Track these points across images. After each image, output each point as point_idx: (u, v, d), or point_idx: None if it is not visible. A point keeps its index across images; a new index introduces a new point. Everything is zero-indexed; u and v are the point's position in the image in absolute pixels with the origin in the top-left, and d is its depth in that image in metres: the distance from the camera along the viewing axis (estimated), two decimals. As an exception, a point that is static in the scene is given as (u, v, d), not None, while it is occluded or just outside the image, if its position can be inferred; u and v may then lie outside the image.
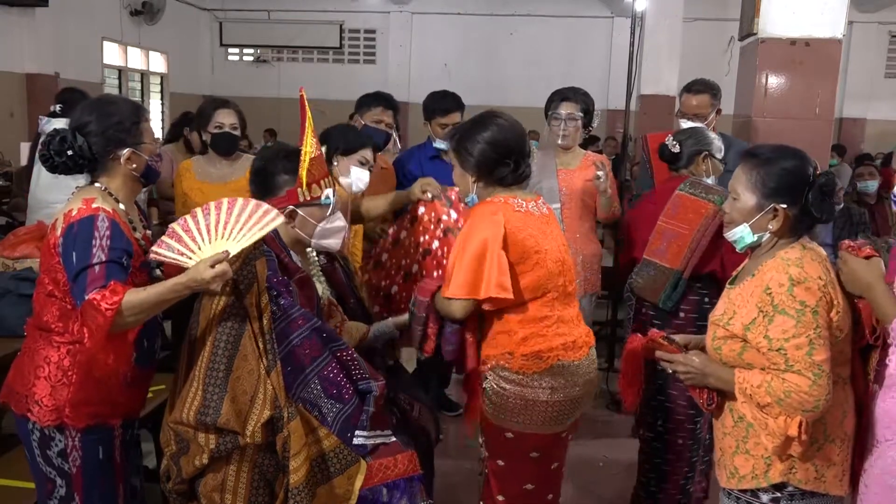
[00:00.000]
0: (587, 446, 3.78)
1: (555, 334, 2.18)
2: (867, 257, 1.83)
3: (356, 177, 2.77)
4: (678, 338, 2.06)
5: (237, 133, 3.31)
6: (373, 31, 13.32)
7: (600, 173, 3.45)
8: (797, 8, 3.87)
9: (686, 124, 3.48)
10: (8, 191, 6.33)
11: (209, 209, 1.87)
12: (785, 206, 1.82)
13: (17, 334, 2.48)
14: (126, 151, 1.95)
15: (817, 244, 1.90)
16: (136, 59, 11.47)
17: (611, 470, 3.54)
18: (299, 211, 2.12)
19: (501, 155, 2.17)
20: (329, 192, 2.16)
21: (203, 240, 1.83)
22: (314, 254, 2.38)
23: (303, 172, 2.10)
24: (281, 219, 1.92)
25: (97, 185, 1.96)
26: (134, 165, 1.98)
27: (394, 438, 2.06)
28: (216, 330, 1.91)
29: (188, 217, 1.87)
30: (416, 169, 3.48)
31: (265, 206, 1.91)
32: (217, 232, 1.84)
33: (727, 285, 1.97)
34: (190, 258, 1.81)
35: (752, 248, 1.92)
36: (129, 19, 10.95)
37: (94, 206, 1.86)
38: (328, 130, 2.81)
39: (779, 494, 1.82)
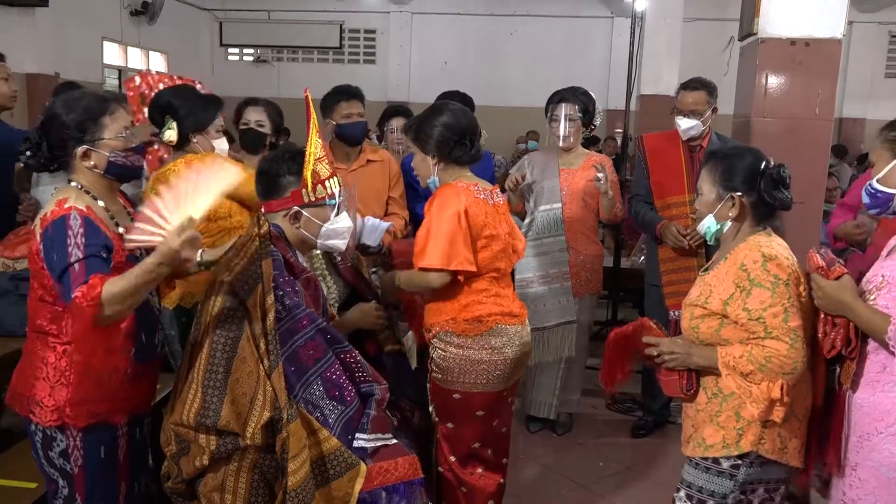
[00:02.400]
0: (587, 446, 3.78)
1: (493, 303, 2.44)
2: (837, 277, 1.89)
3: (219, 148, 2.77)
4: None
5: (264, 130, 3.32)
6: (373, 31, 13.30)
7: (600, 175, 3.45)
8: (797, 8, 3.87)
9: (682, 121, 3.49)
10: (8, 191, 6.32)
11: (176, 184, 1.76)
12: (741, 193, 2.00)
13: (17, 334, 2.49)
14: (80, 149, 1.91)
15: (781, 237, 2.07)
16: (136, 59, 11.46)
17: (611, 470, 3.54)
18: (304, 212, 2.13)
19: (458, 135, 2.39)
20: (336, 192, 2.17)
21: (171, 213, 1.73)
22: (318, 254, 2.38)
23: (307, 173, 2.11)
24: (236, 172, 1.85)
25: (73, 183, 1.94)
26: (92, 163, 1.93)
27: (395, 441, 2.06)
28: (214, 332, 1.91)
29: (154, 196, 1.77)
30: None
31: (220, 161, 1.85)
32: (179, 202, 1.74)
33: (700, 273, 2.14)
34: (163, 236, 1.72)
35: (719, 239, 2.10)
36: (128, 19, 10.93)
37: (66, 206, 1.85)
38: (174, 108, 2.69)
39: (740, 461, 1.97)
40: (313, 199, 2.13)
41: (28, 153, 1.91)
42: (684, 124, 3.48)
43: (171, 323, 2.60)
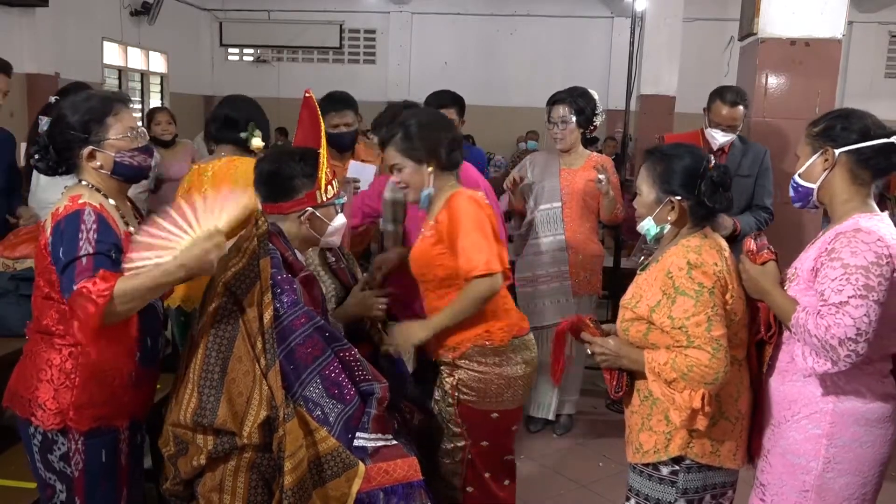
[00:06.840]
0: (587, 446, 3.78)
1: (511, 308, 2.37)
2: (764, 262, 1.95)
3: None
4: (606, 327, 2.17)
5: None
6: (373, 31, 13.31)
7: (601, 176, 3.45)
8: (797, 8, 3.87)
9: (719, 135, 3.44)
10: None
11: (169, 215, 1.78)
12: (679, 198, 1.96)
13: (18, 334, 2.49)
14: (86, 150, 1.89)
15: (719, 235, 2.05)
16: (136, 59, 11.46)
17: (611, 470, 3.54)
18: (317, 212, 2.14)
19: (446, 130, 2.31)
20: (343, 190, 2.20)
21: (179, 236, 1.75)
22: (311, 254, 2.38)
23: (322, 174, 2.12)
24: (254, 200, 1.95)
25: (83, 182, 1.93)
26: (98, 163, 1.91)
27: (395, 442, 2.06)
28: (210, 332, 1.91)
29: (149, 227, 1.77)
30: None
31: (229, 193, 1.88)
32: (192, 223, 1.76)
33: (637, 272, 2.09)
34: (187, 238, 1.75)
35: (659, 238, 2.06)
36: (129, 19, 10.94)
37: (80, 201, 1.84)
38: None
39: (677, 467, 1.97)
40: (325, 200, 2.15)
41: (37, 156, 1.91)
42: (721, 138, 3.44)
43: (173, 321, 2.60)
